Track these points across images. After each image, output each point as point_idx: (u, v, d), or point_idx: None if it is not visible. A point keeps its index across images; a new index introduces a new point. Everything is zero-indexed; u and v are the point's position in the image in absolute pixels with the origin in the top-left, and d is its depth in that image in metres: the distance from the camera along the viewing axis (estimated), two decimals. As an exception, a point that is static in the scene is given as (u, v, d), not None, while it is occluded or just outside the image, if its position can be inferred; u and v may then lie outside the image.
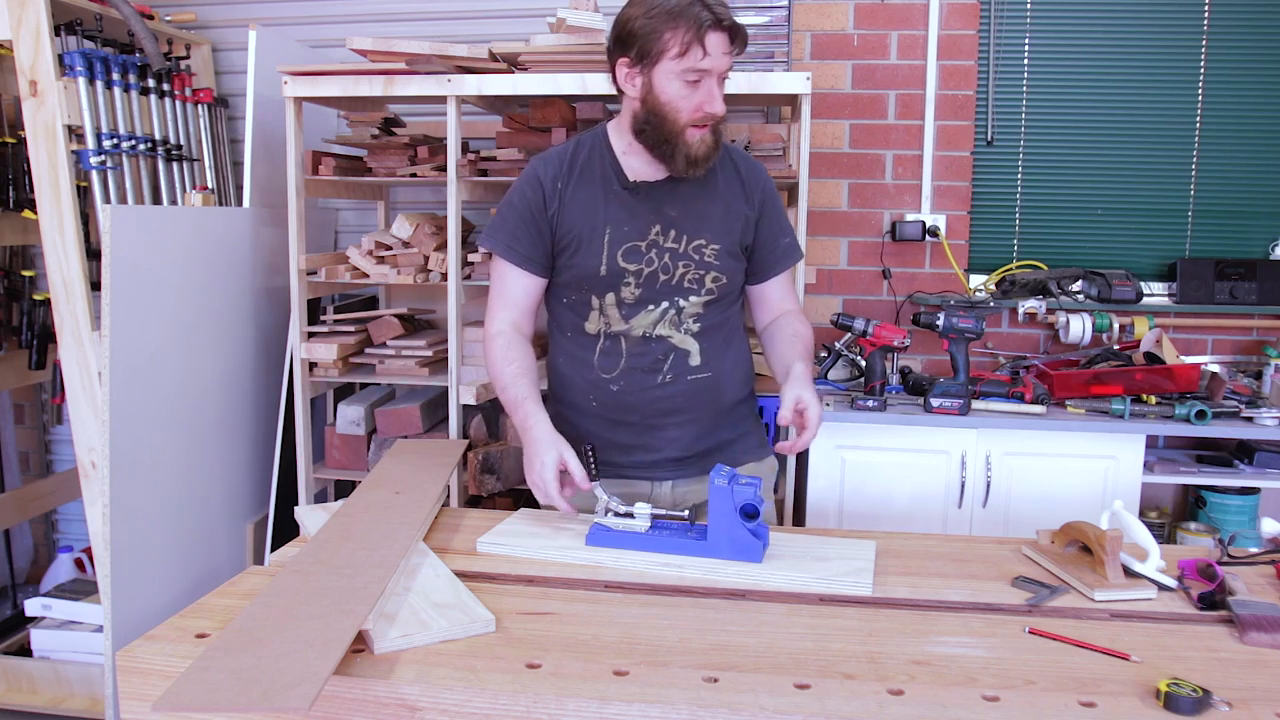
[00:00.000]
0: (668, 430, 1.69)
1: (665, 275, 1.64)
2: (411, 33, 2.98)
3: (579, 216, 1.64)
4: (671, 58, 1.51)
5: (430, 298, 3.02)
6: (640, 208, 1.64)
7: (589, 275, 1.64)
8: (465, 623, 1.18)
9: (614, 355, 1.67)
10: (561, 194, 1.64)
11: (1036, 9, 2.94)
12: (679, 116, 1.54)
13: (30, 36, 2.24)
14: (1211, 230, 2.96)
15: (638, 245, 1.63)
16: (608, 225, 1.63)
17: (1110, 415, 2.44)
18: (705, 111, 1.54)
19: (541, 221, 1.65)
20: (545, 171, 1.66)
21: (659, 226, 1.64)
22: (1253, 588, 1.35)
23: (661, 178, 1.65)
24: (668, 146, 1.57)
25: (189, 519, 2.45)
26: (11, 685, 2.58)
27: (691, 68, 1.51)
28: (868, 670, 1.10)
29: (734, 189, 1.70)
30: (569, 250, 1.65)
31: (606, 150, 1.67)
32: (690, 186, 1.66)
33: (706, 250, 1.65)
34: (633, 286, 1.64)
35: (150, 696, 1.10)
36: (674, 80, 1.52)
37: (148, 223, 2.29)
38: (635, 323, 1.65)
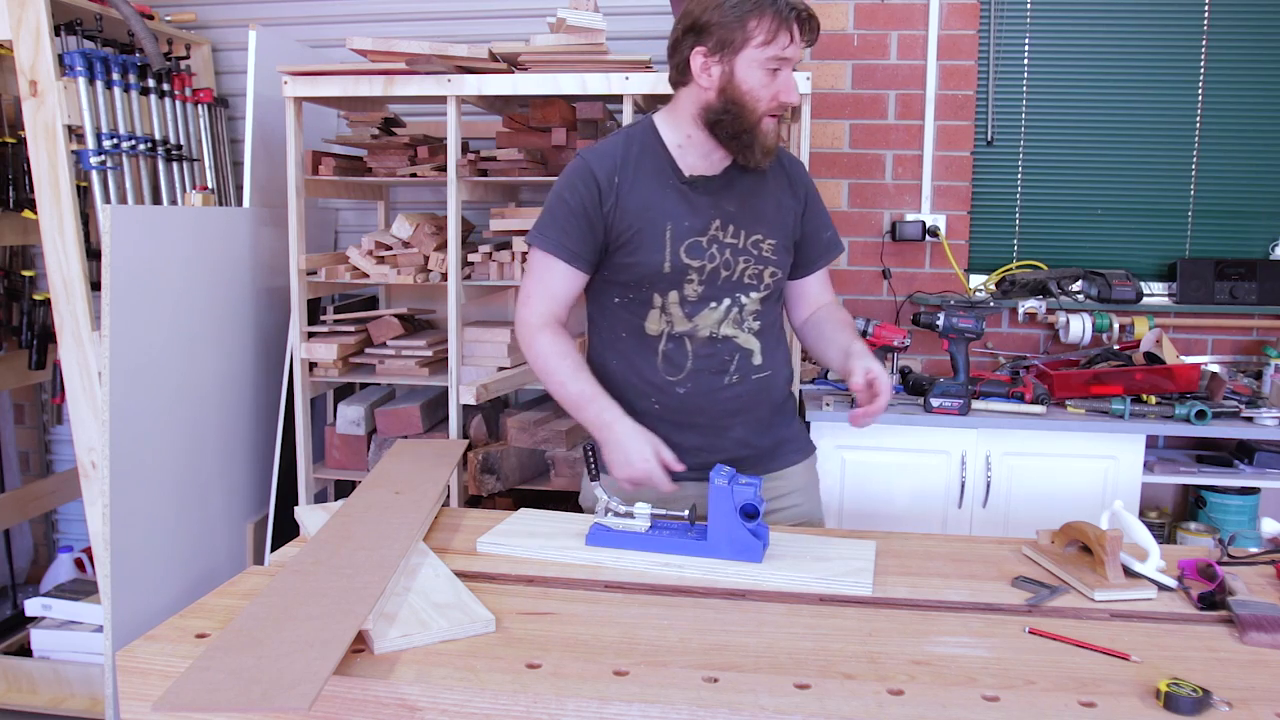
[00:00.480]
0: (733, 430, 1.67)
1: (727, 271, 1.62)
2: (411, 33, 2.98)
3: (639, 212, 1.60)
4: (756, 45, 1.50)
5: (430, 298, 3.02)
6: (700, 202, 1.62)
7: (651, 272, 1.60)
8: (465, 623, 1.18)
9: (679, 357, 1.64)
10: (619, 189, 1.60)
11: (1036, 9, 2.94)
12: (758, 106, 1.53)
13: (30, 36, 2.24)
14: (1211, 230, 2.96)
15: (699, 240, 1.61)
16: (669, 221, 1.60)
17: (1110, 415, 2.44)
18: (781, 101, 1.53)
19: (595, 218, 1.60)
20: (600, 166, 1.61)
21: (718, 221, 1.62)
22: (1253, 588, 1.35)
23: (716, 172, 1.63)
24: (746, 137, 1.55)
25: (189, 519, 2.45)
26: (11, 685, 2.58)
27: (776, 55, 1.50)
28: (868, 670, 1.10)
29: (781, 184, 1.70)
30: (628, 247, 1.61)
31: (659, 144, 1.63)
32: (744, 181, 1.65)
33: (764, 245, 1.65)
34: (695, 283, 1.61)
35: (150, 696, 1.10)
36: (756, 69, 1.51)
37: (148, 223, 2.29)
38: (699, 321, 1.63)
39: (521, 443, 2.62)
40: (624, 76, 2.37)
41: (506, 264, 2.58)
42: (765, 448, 1.72)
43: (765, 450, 1.72)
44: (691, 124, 1.60)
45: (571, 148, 2.56)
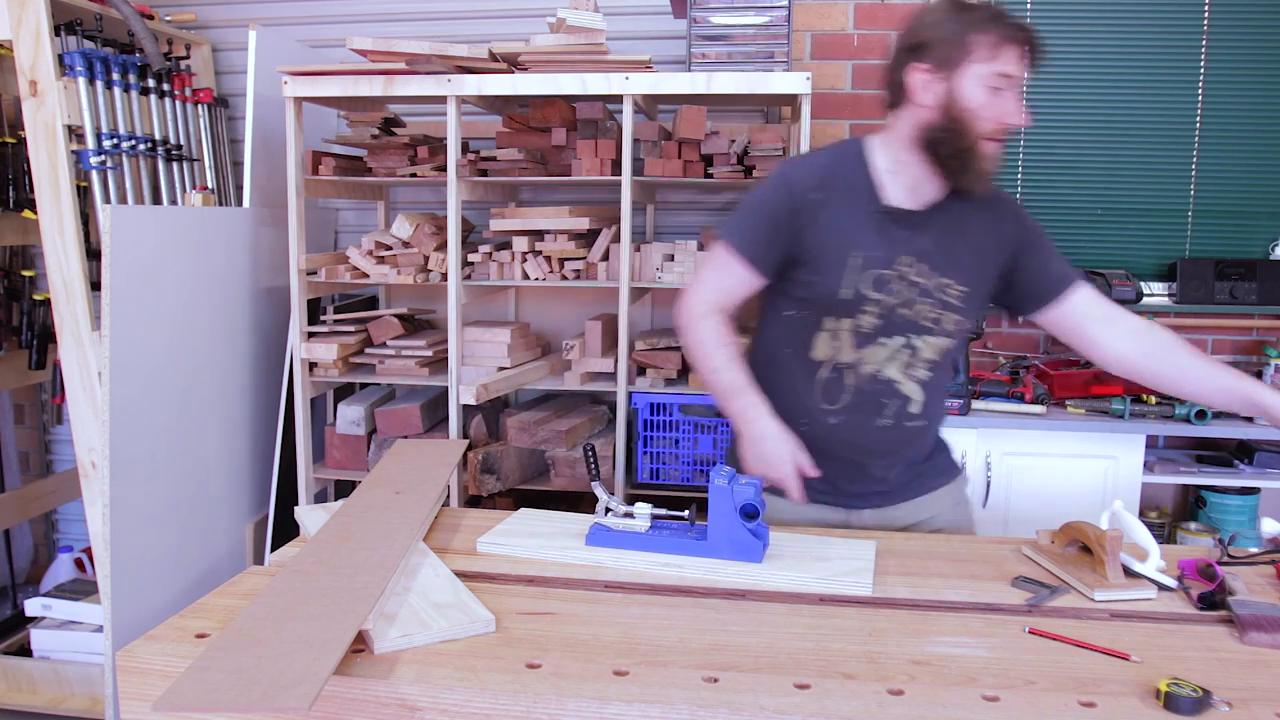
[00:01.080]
0: (874, 469, 1.63)
1: (906, 310, 1.55)
2: (411, 33, 2.98)
3: (829, 234, 1.54)
4: (980, 61, 1.45)
5: (430, 298, 3.03)
6: (895, 235, 1.55)
7: (828, 296, 1.55)
8: (465, 623, 1.18)
9: (836, 389, 1.59)
10: (815, 205, 1.54)
11: (1036, 9, 2.93)
12: (979, 125, 1.47)
13: (30, 36, 2.24)
14: (1211, 230, 2.96)
15: (884, 274, 1.54)
16: (858, 249, 1.53)
17: (1110, 415, 2.44)
18: (1005, 121, 1.48)
19: (785, 228, 1.55)
20: (800, 179, 1.56)
21: (910, 258, 1.55)
22: (1253, 588, 1.35)
23: (918, 207, 1.56)
24: (965, 157, 1.49)
25: (189, 519, 2.45)
26: (11, 685, 2.58)
27: (999, 73, 1.45)
28: (868, 670, 1.10)
29: (987, 229, 1.60)
30: (810, 266, 1.55)
31: (863, 168, 1.57)
32: (945, 222, 1.57)
33: (951, 290, 1.57)
34: (872, 316, 1.55)
35: (150, 696, 1.10)
36: (978, 86, 1.46)
37: (148, 223, 2.29)
38: (866, 355, 1.57)
39: (521, 443, 2.62)
40: (624, 76, 2.37)
41: (506, 264, 2.58)
42: (904, 483, 1.68)
43: (904, 484, 1.68)
44: (906, 148, 1.54)
45: (571, 148, 2.56)
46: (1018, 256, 1.62)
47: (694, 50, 2.43)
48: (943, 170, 1.52)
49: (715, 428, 2.57)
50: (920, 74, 1.51)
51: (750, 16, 2.42)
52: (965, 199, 1.58)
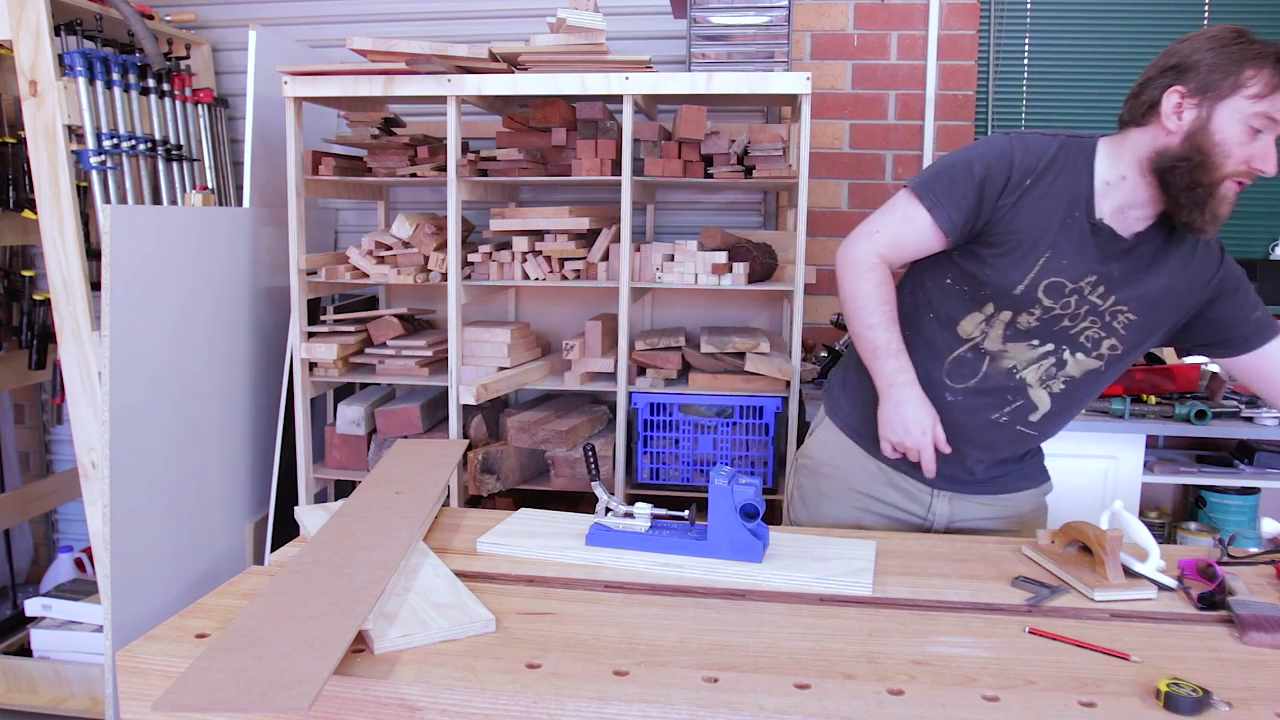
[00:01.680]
0: (969, 456, 1.60)
1: (1068, 323, 1.51)
2: (411, 33, 2.98)
3: (1027, 226, 1.47)
4: (1247, 96, 1.36)
5: (430, 298, 3.03)
6: (1091, 251, 1.48)
7: (1002, 285, 1.50)
8: (465, 623, 1.18)
9: (969, 370, 1.55)
10: (1026, 191, 1.47)
11: (1036, 9, 2.94)
12: (1226, 163, 1.38)
13: (30, 36, 2.24)
14: (1211, 230, 2.96)
15: (1064, 284, 1.49)
16: (1049, 250, 1.47)
17: (1110, 415, 2.44)
18: (1253, 167, 1.38)
19: (989, 201, 1.47)
20: (1021, 159, 1.48)
21: (1094, 278, 1.49)
22: (1253, 588, 1.35)
23: (1125, 233, 1.49)
24: (1199, 192, 1.39)
25: (189, 519, 2.45)
26: (11, 685, 2.58)
27: (1265, 114, 1.36)
28: (868, 670, 1.10)
29: (1183, 270, 1.53)
30: (996, 249, 1.49)
31: (1087, 171, 1.49)
32: (1145, 253, 1.50)
33: (1121, 317, 1.52)
34: (1034, 318, 1.51)
35: (150, 696, 1.10)
36: (1238, 122, 1.37)
37: (148, 223, 2.29)
38: (1011, 349, 1.53)
39: (521, 443, 2.62)
40: (624, 76, 2.37)
41: (506, 264, 2.58)
42: (993, 477, 1.66)
43: (991, 479, 1.66)
44: (1135, 168, 1.46)
45: (571, 148, 2.56)
46: (1213, 301, 1.56)
47: (694, 50, 2.43)
48: (1171, 202, 1.43)
49: (715, 428, 2.57)
50: (1176, 96, 1.43)
51: (750, 16, 2.42)
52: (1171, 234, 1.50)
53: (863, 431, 1.67)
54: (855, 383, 1.70)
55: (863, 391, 1.65)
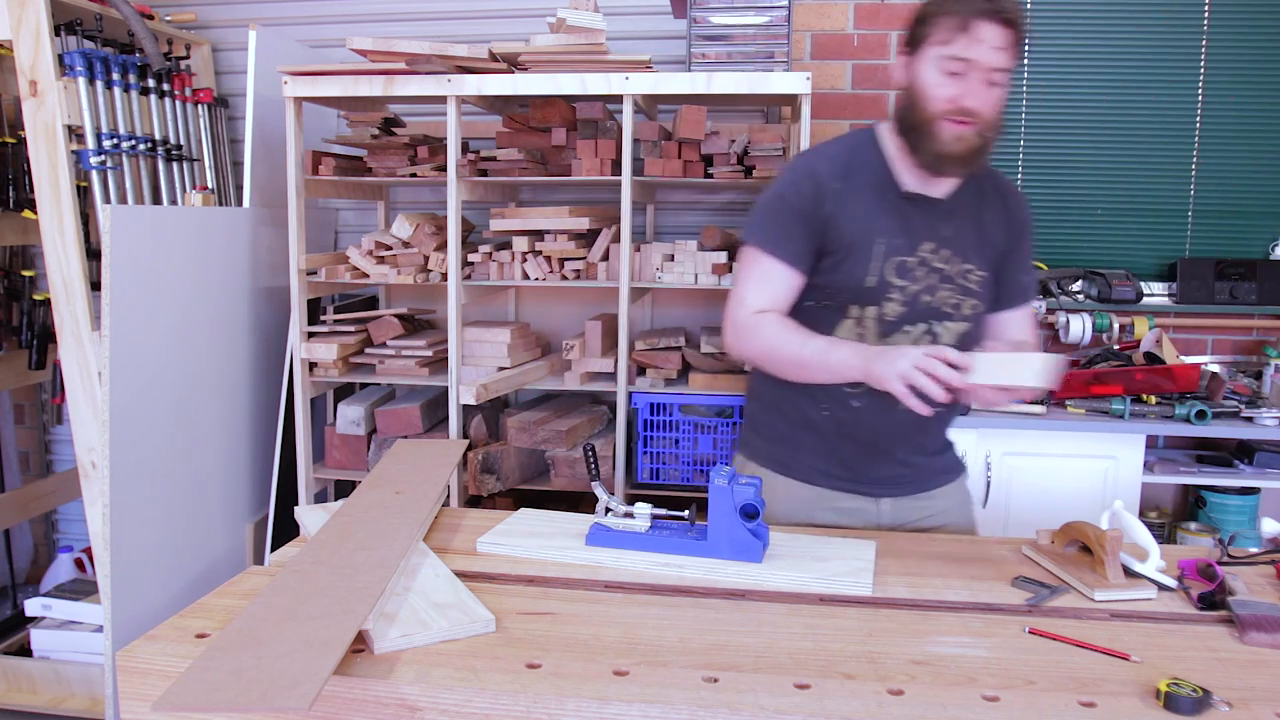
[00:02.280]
0: (897, 453, 1.64)
1: (929, 296, 1.56)
2: (411, 33, 2.98)
3: (853, 223, 1.55)
4: (936, 42, 1.46)
5: (430, 298, 3.03)
6: (916, 222, 1.56)
7: (854, 285, 1.55)
8: (465, 623, 1.18)
9: None
10: (839, 195, 1.55)
11: (1036, 9, 2.93)
12: (929, 104, 1.47)
13: (30, 36, 2.24)
14: (1211, 230, 2.96)
15: (907, 261, 1.55)
16: (882, 236, 1.54)
17: (1110, 415, 2.44)
18: (961, 105, 1.45)
19: (814, 220, 1.55)
20: (822, 169, 1.57)
21: (932, 245, 1.56)
22: (1253, 588, 1.35)
23: (936, 195, 1.58)
24: (916, 135, 1.50)
25: (189, 519, 2.45)
26: (11, 685, 2.58)
27: (954, 55, 1.44)
28: (868, 670, 1.10)
29: (997, 216, 1.63)
30: (836, 255, 1.55)
31: (879, 155, 1.58)
32: (964, 206, 1.59)
33: (972, 276, 1.59)
34: (897, 303, 1.55)
35: (150, 696, 1.10)
36: (934, 67, 1.47)
37: (148, 223, 2.29)
38: (890, 342, 1.56)
39: (521, 443, 2.62)
40: (624, 76, 2.37)
41: (506, 264, 2.58)
42: (923, 470, 1.68)
43: (920, 473, 1.68)
44: (894, 130, 1.57)
45: (571, 148, 2.56)
46: (1007, 253, 1.65)
47: (694, 50, 2.43)
48: (908, 150, 1.54)
49: (715, 428, 2.57)
50: (901, 58, 1.55)
51: (750, 16, 2.42)
52: (980, 186, 1.60)
53: (785, 459, 1.68)
54: (764, 420, 1.73)
55: (771, 426, 1.70)
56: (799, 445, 1.66)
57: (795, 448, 1.66)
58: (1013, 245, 1.65)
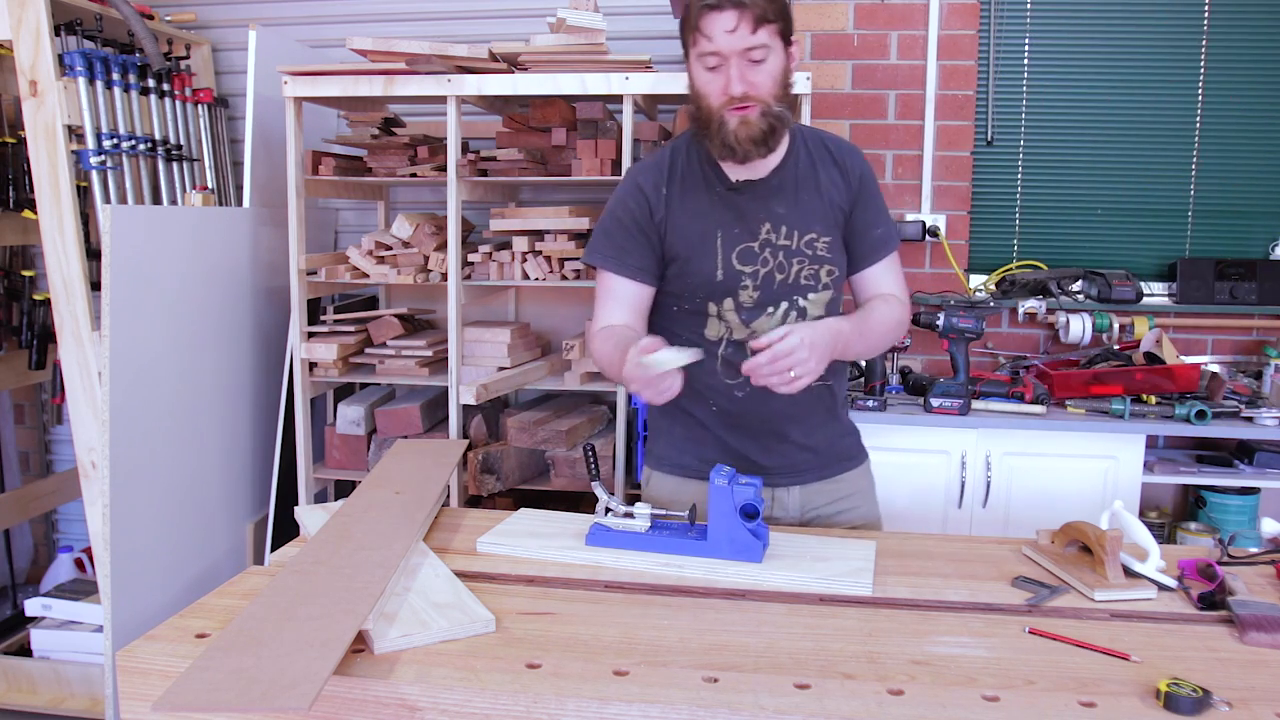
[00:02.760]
0: (791, 436, 1.65)
1: (781, 275, 1.60)
2: (411, 33, 2.98)
3: (688, 224, 1.60)
4: (691, 46, 1.51)
5: (430, 298, 3.03)
6: (748, 207, 1.60)
7: (704, 282, 1.59)
8: (465, 623, 1.18)
9: (738, 362, 1.59)
10: (667, 201, 1.61)
11: (1036, 9, 2.94)
12: (704, 101, 1.53)
13: (30, 36, 2.24)
14: (1211, 230, 2.96)
15: (750, 246, 1.59)
16: (718, 229, 1.59)
17: (1110, 415, 2.44)
18: (729, 94, 1.49)
19: (650, 231, 1.61)
20: (646, 180, 1.63)
21: (769, 225, 1.60)
22: (1253, 588, 1.35)
23: (761, 175, 1.61)
24: (707, 132, 1.54)
25: (189, 519, 2.45)
26: (11, 685, 2.58)
27: (703, 52, 1.49)
28: (868, 670, 1.10)
29: (833, 177, 1.65)
30: (680, 259, 1.60)
31: (702, 153, 1.62)
32: (793, 180, 1.62)
33: (819, 244, 1.61)
34: (750, 289, 1.59)
35: (150, 696, 1.10)
36: (698, 68, 1.52)
37: (148, 223, 2.29)
38: (757, 327, 1.60)
39: (521, 443, 2.62)
40: (624, 76, 2.37)
41: (506, 264, 2.58)
42: (822, 454, 1.70)
43: (822, 457, 1.70)
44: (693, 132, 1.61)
45: (571, 148, 2.56)
46: (851, 211, 1.66)
47: (694, 50, 2.43)
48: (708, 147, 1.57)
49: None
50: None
51: (750, 16, 2.41)
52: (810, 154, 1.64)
53: (685, 463, 1.71)
54: (664, 427, 1.77)
55: (670, 433, 1.73)
56: (696, 446, 1.68)
57: (693, 450, 1.69)
58: (856, 200, 1.66)
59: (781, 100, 1.53)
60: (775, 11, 1.48)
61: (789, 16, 1.53)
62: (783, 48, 1.52)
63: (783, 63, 1.53)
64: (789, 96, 1.55)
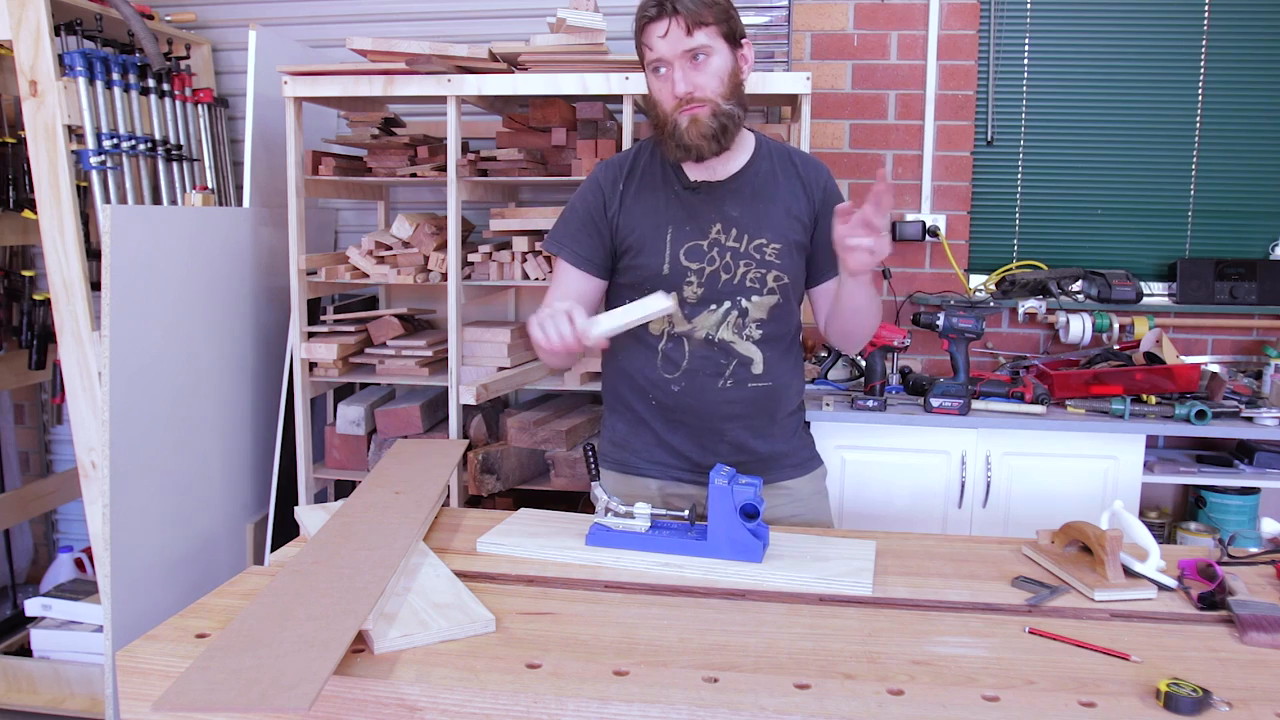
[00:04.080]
0: (728, 434, 1.70)
1: (727, 274, 1.65)
2: (411, 33, 2.98)
3: (641, 218, 1.67)
4: (643, 57, 1.60)
5: (430, 298, 3.03)
6: (701, 207, 1.66)
7: (652, 275, 1.65)
8: (465, 623, 1.18)
9: (677, 356, 1.68)
10: (622, 196, 1.68)
11: (1036, 9, 2.94)
12: (659, 108, 1.60)
13: (30, 36, 2.24)
14: (1211, 230, 2.96)
15: (699, 244, 1.64)
16: (669, 225, 1.65)
17: (1110, 415, 2.44)
18: (676, 95, 1.56)
19: (602, 224, 1.68)
20: (605, 175, 1.71)
21: (719, 225, 1.65)
22: (1253, 588, 1.35)
23: (719, 178, 1.67)
24: (662, 134, 1.61)
25: (189, 519, 2.45)
26: (11, 685, 2.58)
27: (651, 60, 1.58)
28: (868, 670, 1.10)
29: (794, 189, 1.70)
30: (631, 251, 1.67)
31: (660, 157, 1.69)
32: (751, 186, 1.67)
33: (768, 249, 1.66)
34: (695, 285, 1.65)
35: (150, 696, 1.10)
36: (650, 75, 1.60)
37: (148, 223, 2.29)
38: (698, 323, 1.66)
39: (521, 443, 2.62)
40: (624, 76, 2.37)
41: (506, 264, 2.58)
42: (762, 456, 1.72)
43: (762, 459, 1.72)
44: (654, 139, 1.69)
45: (571, 148, 2.56)
46: (815, 224, 1.71)
47: (694, 50, 2.43)
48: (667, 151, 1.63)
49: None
50: None
51: (750, 16, 2.42)
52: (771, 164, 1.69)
53: (625, 460, 1.76)
54: (608, 425, 1.83)
55: (614, 429, 1.82)
56: (637, 442, 1.74)
57: (634, 445, 1.74)
58: (820, 213, 1.69)
59: (730, 99, 1.58)
60: (715, 15, 1.54)
61: (731, 18, 1.58)
62: (728, 49, 1.57)
63: (729, 63, 1.58)
64: (739, 95, 1.61)
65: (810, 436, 1.86)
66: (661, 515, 1.49)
